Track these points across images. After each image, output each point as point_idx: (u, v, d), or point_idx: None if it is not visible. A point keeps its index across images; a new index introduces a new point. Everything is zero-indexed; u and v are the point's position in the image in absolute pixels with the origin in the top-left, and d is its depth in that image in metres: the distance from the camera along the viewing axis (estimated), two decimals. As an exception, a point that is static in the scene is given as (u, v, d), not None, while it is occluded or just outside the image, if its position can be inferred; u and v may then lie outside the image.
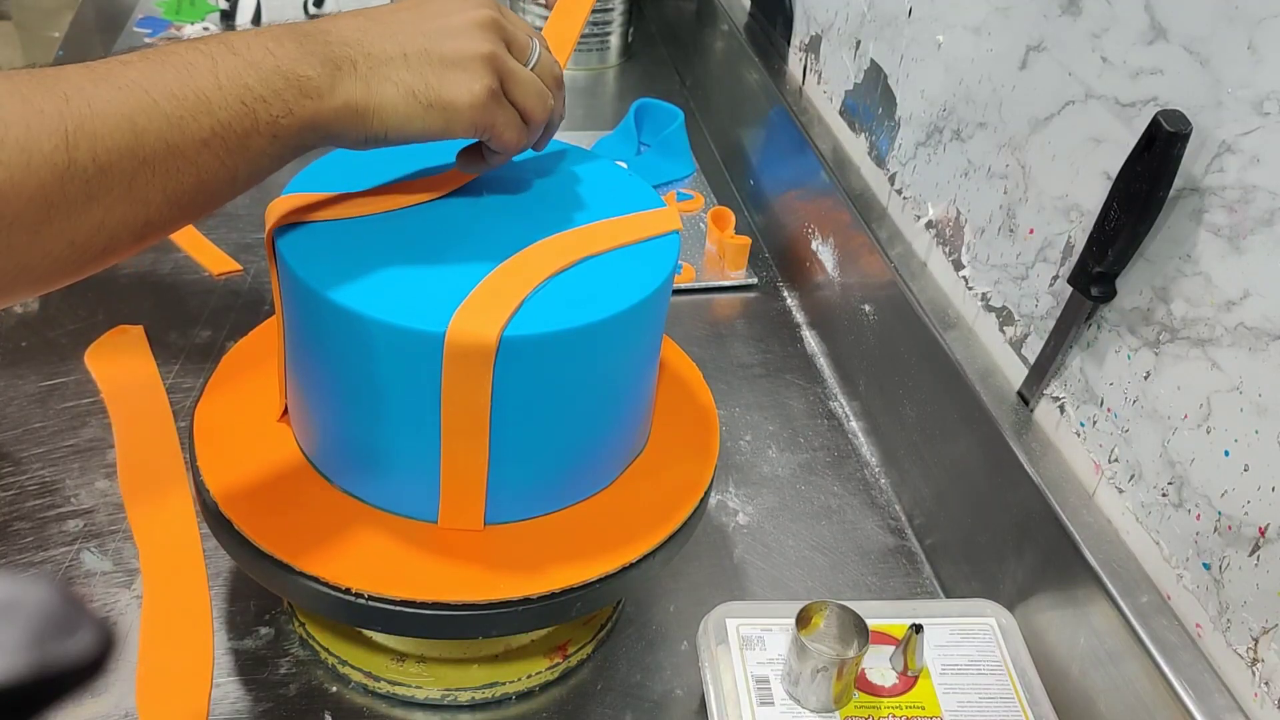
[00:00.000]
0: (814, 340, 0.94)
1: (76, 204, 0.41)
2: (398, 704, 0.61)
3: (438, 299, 0.49)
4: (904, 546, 0.75)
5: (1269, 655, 0.50)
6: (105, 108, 0.41)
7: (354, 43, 0.48)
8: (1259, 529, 0.51)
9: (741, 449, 0.81)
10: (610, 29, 1.36)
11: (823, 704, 0.56)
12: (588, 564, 0.54)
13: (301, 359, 0.55)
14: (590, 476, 0.58)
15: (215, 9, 1.31)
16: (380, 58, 0.49)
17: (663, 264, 0.55)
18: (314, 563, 0.52)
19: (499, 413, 0.51)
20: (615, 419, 0.57)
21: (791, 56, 1.09)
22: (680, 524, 0.57)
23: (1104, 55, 0.61)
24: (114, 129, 0.41)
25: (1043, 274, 0.67)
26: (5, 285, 0.41)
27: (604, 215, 0.57)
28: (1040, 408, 0.67)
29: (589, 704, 0.62)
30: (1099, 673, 0.57)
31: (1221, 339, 0.53)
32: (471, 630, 0.53)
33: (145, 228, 0.44)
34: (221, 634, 0.63)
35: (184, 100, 0.43)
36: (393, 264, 0.52)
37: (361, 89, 0.48)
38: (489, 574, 0.53)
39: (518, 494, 0.55)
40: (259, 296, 0.89)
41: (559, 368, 0.51)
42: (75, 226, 0.41)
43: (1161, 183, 0.54)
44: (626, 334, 0.53)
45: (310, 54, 0.47)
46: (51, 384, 0.78)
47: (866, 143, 0.92)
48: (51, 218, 0.40)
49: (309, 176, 0.57)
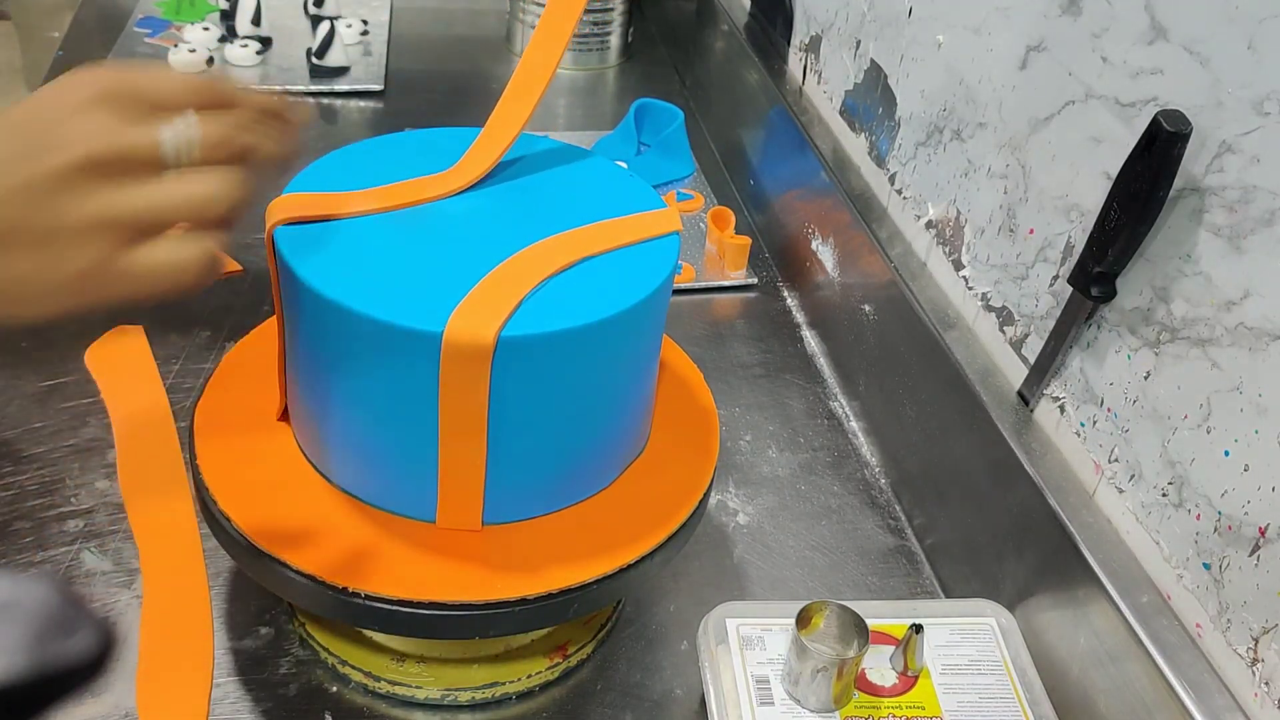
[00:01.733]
0: (814, 340, 0.94)
1: None
2: (398, 704, 0.61)
3: (436, 298, 0.50)
4: (904, 546, 0.75)
5: (1269, 655, 0.50)
6: None
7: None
8: (1259, 529, 0.51)
9: (741, 449, 0.81)
10: (610, 29, 1.36)
11: (823, 704, 0.56)
12: (586, 564, 0.54)
13: (301, 358, 0.55)
14: (589, 477, 0.58)
15: (215, 9, 1.31)
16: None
17: (662, 265, 0.55)
18: (313, 562, 0.52)
19: (497, 413, 0.51)
20: (614, 420, 0.57)
21: (791, 56, 1.09)
22: (679, 525, 0.57)
23: (1104, 55, 0.61)
24: None
25: (1043, 274, 0.67)
26: None
27: (604, 216, 0.57)
28: (1040, 408, 0.67)
29: (589, 704, 0.62)
30: (1099, 673, 0.57)
31: (1221, 339, 0.53)
32: (469, 630, 0.53)
33: None
34: (221, 634, 0.63)
35: None
36: (392, 263, 0.52)
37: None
38: (487, 574, 0.53)
39: (516, 494, 0.55)
40: (259, 296, 0.89)
41: (557, 368, 0.51)
42: None
43: (1161, 183, 0.54)
44: (625, 334, 0.53)
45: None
46: (51, 384, 0.78)
47: (866, 143, 0.92)
48: None
49: (309, 176, 0.57)
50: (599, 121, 1.25)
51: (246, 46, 1.23)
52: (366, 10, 1.38)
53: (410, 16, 1.42)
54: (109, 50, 1.21)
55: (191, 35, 1.23)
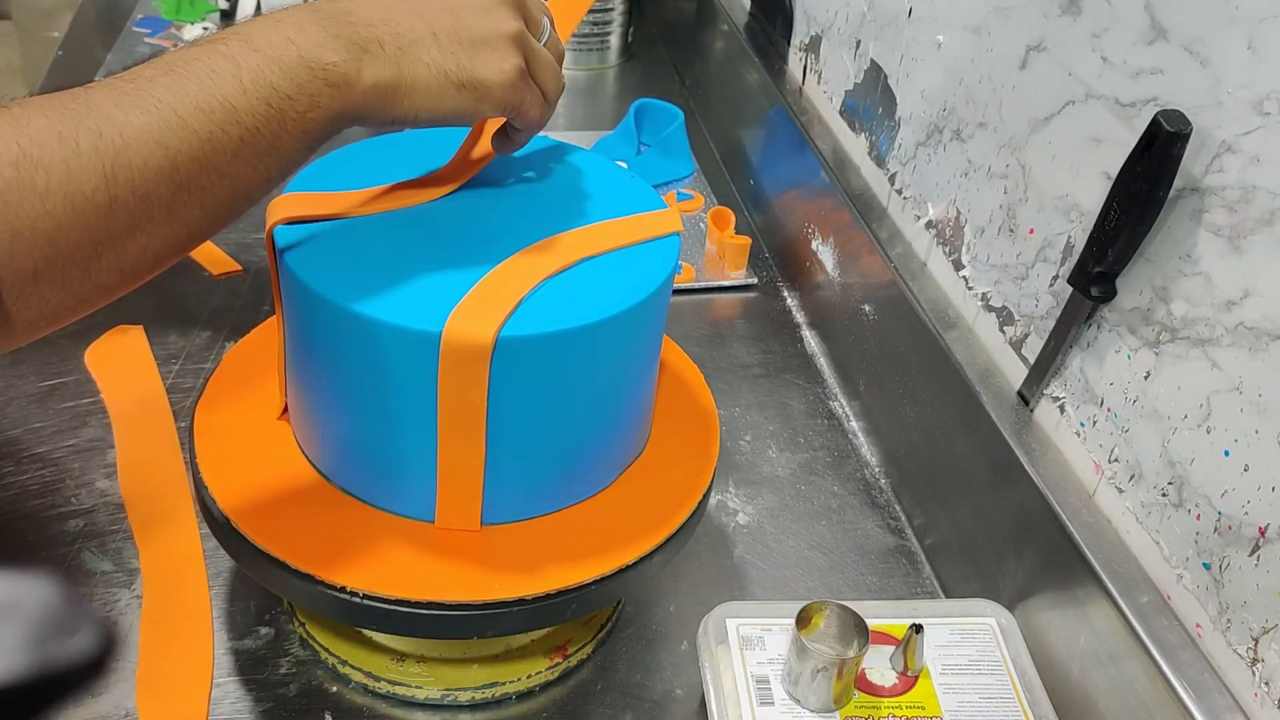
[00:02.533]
0: (814, 340, 0.94)
1: (122, 236, 0.41)
2: (398, 704, 0.61)
3: (435, 298, 0.50)
4: (904, 546, 0.75)
5: (1269, 655, 0.50)
6: (137, 136, 0.41)
7: (379, 22, 0.47)
8: (1259, 529, 0.51)
9: (741, 449, 0.81)
10: (610, 29, 1.36)
11: (823, 704, 0.56)
12: (586, 564, 0.54)
13: (300, 357, 0.55)
14: (588, 478, 0.58)
15: (215, 9, 1.31)
16: (409, 37, 0.48)
17: (662, 265, 0.55)
18: (312, 561, 0.52)
19: (495, 413, 0.51)
20: (613, 421, 0.57)
21: (791, 56, 1.09)
22: (679, 525, 0.57)
23: (1104, 55, 0.61)
24: (149, 157, 0.41)
25: (1043, 274, 0.67)
26: (64, 315, 0.42)
27: (605, 216, 0.57)
28: (1040, 408, 0.67)
29: (589, 704, 0.62)
30: (1099, 673, 0.57)
31: (1221, 339, 0.53)
32: (468, 630, 0.53)
33: (188, 241, 0.45)
34: (221, 634, 0.63)
35: (212, 114, 0.43)
36: (391, 263, 0.52)
37: (391, 70, 0.47)
38: (486, 574, 0.53)
39: (515, 495, 0.55)
40: (259, 296, 0.89)
41: (556, 368, 0.51)
42: (123, 256, 0.42)
43: (1161, 183, 0.54)
44: (625, 335, 0.53)
45: (334, 37, 0.46)
46: (51, 384, 0.78)
47: (866, 142, 0.92)
48: (100, 253, 0.41)
49: (309, 176, 0.57)
50: (599, 121, 1.25)
51: (246, 46, 1.23)
52: (366, 10, 1.38)
53: (410, 16, 1.41)
54: (109, 50, 1.21)
55: (191, 35, 1.24)
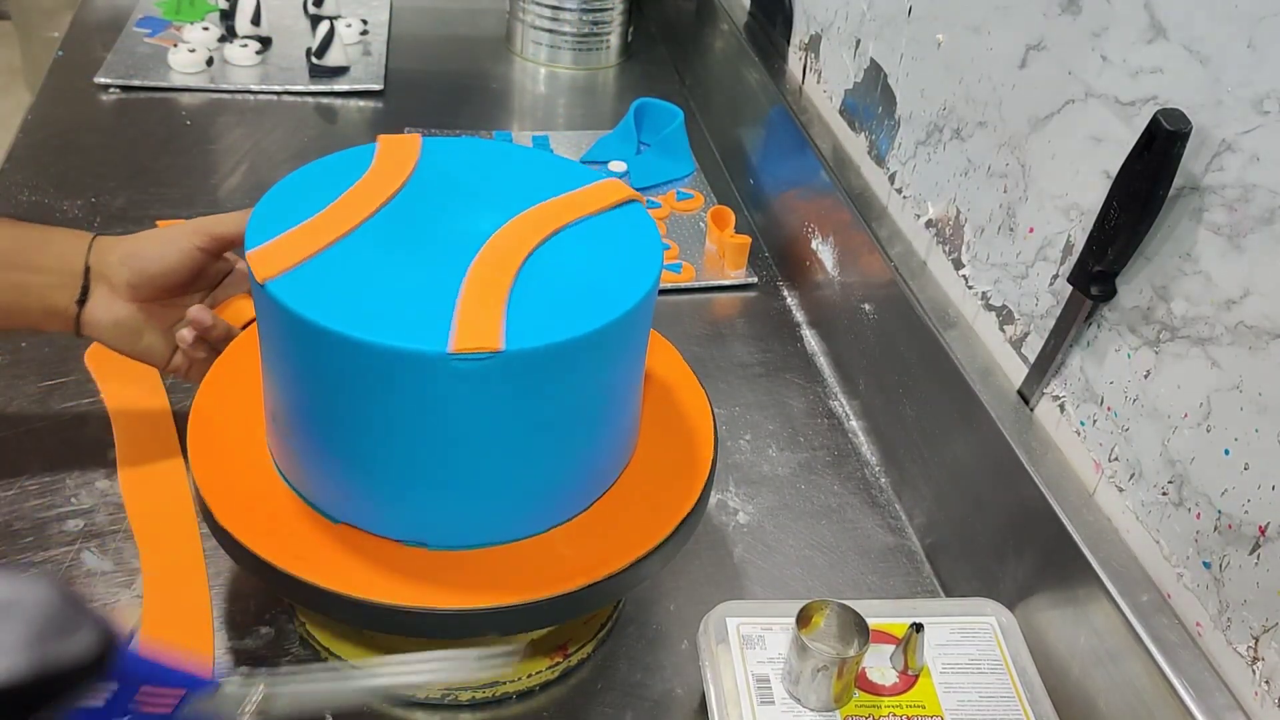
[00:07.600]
0: (814, 340, 0.94)
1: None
2: (398, 704, 0.61)
3: (427, 313, 0.49)
4: (904, 546, 0.75)
5: (1269, 654, 0.50)
6: None
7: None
8: (1259, 528, 0.51)
9: (741, 448, 0.81)
10: (610, 29, 1.36)
11: (823, 703, 0.56)
12: (586, 565, 0.54)
13: (288, 390, 0.54)
14: (587, 488, 0.58)
15: (215, 9, 1.31)
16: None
17: (651, 263, 0.55)
18: (309, 568, 0.52)
19: (498, 426, 0.51)
20: (608, 430, 0.57)
21: (791, 56, 1.09)
22: (678, 525, 0.57)
23: (1104, 54, 0.61)
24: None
25: (1043, 273, 0.67)
26: None
27: (555, 193, 0.58)
28: (1040, 407, 0.67)
29: (589, 703, 0.62)
30: (1099, 671, 0.57)
31: (1221, 338, 0.53)
32: (468, 630, 0.53)
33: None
34: (221, 634, 0.63)
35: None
36: (375, 282, 0.51)
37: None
38: (485, 575, 0.53)
39: (511, 514, 0.55)
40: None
41: (560, 375, 0.51)
42: None
43: (1161, 182, 0.54)
44: (620, 340, 0.53)
45: None
46: (51, 384, 0.78)
47: (866, 142, 0.92)
48: None
49: (262, 223, 0.54)
50: (599, 121, 1.25)
51: (246, 46, 1.23)
52: (366, 10, 1.38)
53: (410, 16, 1.42)
54: (109, 50, 1.21)
55: (191, 35, 1.23)
